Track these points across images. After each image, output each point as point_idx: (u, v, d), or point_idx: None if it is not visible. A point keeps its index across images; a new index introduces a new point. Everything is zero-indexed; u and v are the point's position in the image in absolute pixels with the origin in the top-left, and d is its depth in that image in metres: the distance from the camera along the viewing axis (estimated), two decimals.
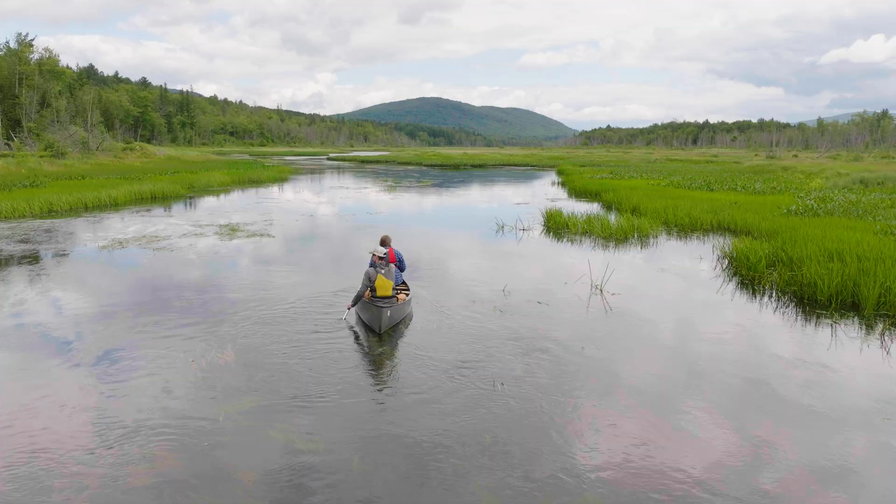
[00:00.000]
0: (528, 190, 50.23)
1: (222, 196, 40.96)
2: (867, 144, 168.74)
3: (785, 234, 19.39)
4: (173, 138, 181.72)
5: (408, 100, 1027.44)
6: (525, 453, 7.12)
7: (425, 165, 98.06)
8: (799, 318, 12.86)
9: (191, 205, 34.68)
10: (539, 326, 12.00)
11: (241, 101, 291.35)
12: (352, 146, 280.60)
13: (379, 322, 11.37)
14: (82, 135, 69.85)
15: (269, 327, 11.62)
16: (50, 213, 28.55)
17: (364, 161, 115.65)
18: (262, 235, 23.09)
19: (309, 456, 7.00)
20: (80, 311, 12.74)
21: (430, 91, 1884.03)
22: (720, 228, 24.86)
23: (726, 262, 18.21)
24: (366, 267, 11.85)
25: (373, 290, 11.98)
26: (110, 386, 8.86)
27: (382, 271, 12.16)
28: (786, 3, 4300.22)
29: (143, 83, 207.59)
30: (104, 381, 9.05)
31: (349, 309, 12.40)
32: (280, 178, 57.80)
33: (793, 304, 13.85)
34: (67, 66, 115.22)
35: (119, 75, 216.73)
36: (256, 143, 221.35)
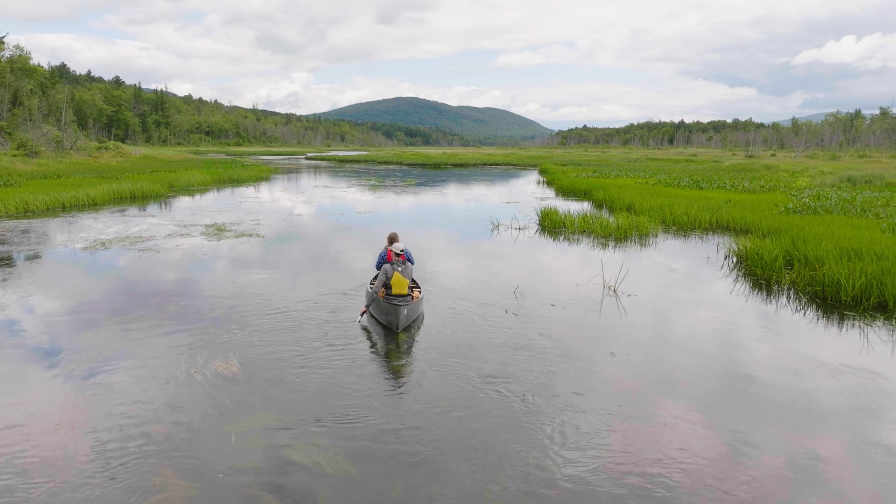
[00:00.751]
0: (515, 189, 49.67)
1: (204, 195, 39.90)
2: (841, 144, 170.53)
3: (792, 233, 18.95)
4: (148, 138, 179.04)
5: (384, 100, 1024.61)
6: (572, 477, 6.43)
7: (406, 165, 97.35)
8: (826, 319, 12.30)
9: (172, 204, 33.63)
10: (559, 331, 11.33)
11: (216, 101, 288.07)
12: (328, 146, 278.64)
13: (397, 320, 10.98)
14: (56, 133, 68.18)
15: (275, 334, 10.84)
16: (26, 213, 27.42)
17: (343, 160, 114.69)
18: (251, 236, 22.22)
19: (341, 483, 6.26)
20: (66, 318, 11.85)
21: (407, 91, 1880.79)
22: (719, 227, 24.42)
23: (735, 260, 17.72)
24: (364, 267, 11.36)
25: (388, 287, 11.55)
26: (107, 401, 8.05)
27: (399, 269, 11.79)
28: (760, 4, 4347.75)
29: (117, 82, 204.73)
30: (100, 395, 8.24)
31: (363, 315, 11.77)
32: (261, 178, 56.70)
33: (815, 304, 13.29)
34: (39, 65, 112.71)
35: (92, 74, 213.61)
36: (232, 143, 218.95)
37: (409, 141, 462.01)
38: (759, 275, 15.73)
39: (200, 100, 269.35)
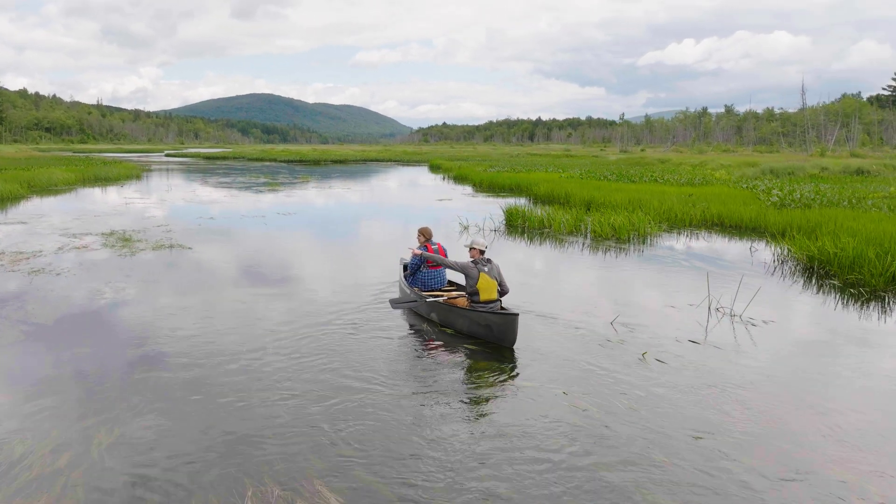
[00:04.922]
0: (427, 185, 45.91)
1: (75, 196, 33.41)
2: (694, 139, 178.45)
3: (827, 228, 16.47)
4: None
5: (239, 96, 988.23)
6: None
7: (280, 161, 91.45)
8: None
9: (41, 207, 27.18)
10: (768, 392, 7.59)
11: (55, 96, 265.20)
12: (182, 143, 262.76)
13: (512, 333, 8.79)
14: None
15: (354, 412, 6.43)
16: None
17: (209, 158, 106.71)
18: (171, 247, 17.12)
19: None
20: None
21: (263, 87, 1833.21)
22: (713, 225, 21.78)
23: (798, 265, 14.86)
24: (363, 276, 8.42)
25: (474, 293, 9.37)
26: None
27: (485, 269, 9.44)
28: (607, 7, 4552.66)
29: None
30: None
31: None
32: (132, 176, 49.78)
33: None
34: None
35: None
36: (77, 140, 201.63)
37: (265, 138, 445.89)
38: (874, 286, 12.67)
39: (38, 94, 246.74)
